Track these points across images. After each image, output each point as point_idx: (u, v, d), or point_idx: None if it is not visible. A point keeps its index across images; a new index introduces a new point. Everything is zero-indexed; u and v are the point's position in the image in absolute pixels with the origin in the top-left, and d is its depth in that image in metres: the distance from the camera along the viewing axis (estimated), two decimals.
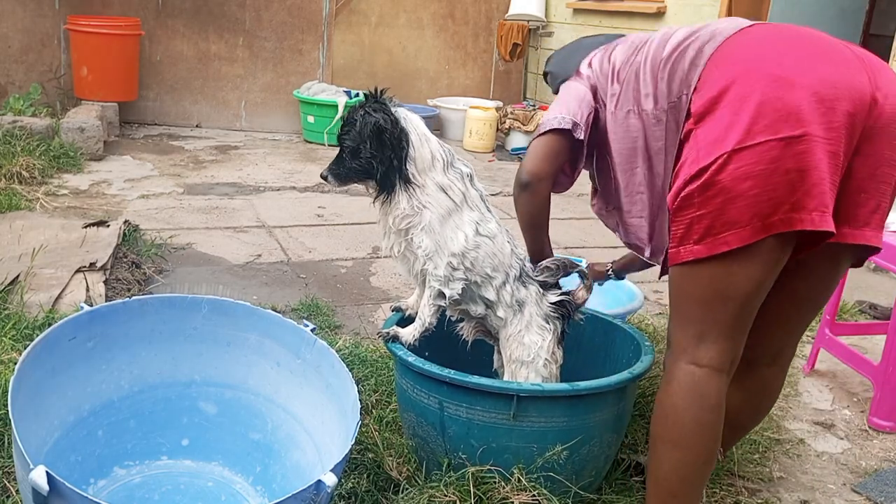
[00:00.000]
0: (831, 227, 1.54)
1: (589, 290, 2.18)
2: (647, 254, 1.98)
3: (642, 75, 1.82)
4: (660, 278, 1.94)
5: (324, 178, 2.07)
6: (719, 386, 1.70)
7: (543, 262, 2.17)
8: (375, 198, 2.04)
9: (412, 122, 2.02)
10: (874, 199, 1.63)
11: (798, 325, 1.94)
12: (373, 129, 1.96)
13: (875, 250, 1.71)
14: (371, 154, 1.96)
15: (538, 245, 2.16)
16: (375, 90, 2.05)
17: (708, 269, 1.63)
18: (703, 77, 1.64)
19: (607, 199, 2.07)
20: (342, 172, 2.04)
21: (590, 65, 2.02)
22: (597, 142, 2.02)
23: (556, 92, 2.11)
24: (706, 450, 1.71)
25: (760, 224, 1.55)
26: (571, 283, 2.21)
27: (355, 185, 2.11)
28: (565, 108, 1.99)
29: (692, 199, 1.60)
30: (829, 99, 1.51)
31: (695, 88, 1.65)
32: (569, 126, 1.96)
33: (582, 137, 1.97)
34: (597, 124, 1.98)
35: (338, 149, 2.05)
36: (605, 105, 1.95)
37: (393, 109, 1.99)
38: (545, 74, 2.26)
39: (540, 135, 2.04)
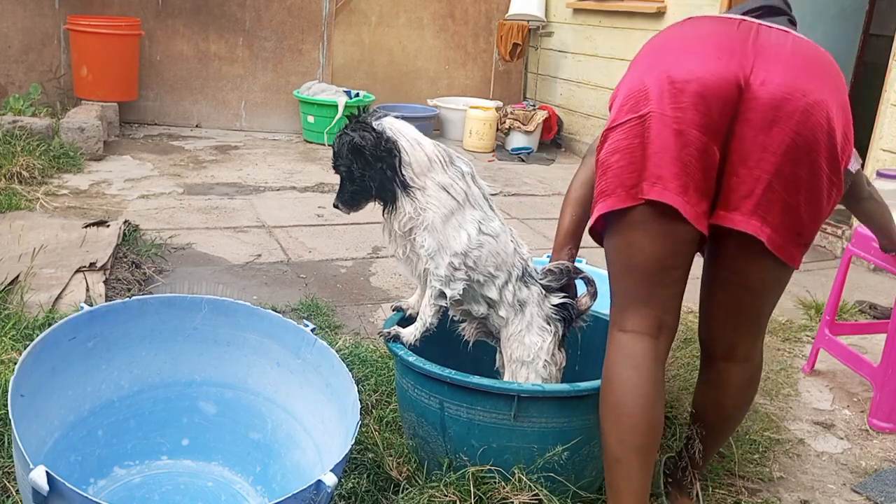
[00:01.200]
0: (660, 198, 1.64)
1: (593, 297, 2.19)
2: None
3: None
4: None
5: (336, 207, 2.11)
6: (645, 347, 1.77)
7: (548, 265, 2.17)
8: (383, 210, 2.05)
9: (399, 129, 2.02)
10: (746, 183, 1.65)
11: (738, 318, 1.90)
12: (350, 149, 1.99)
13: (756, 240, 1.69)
14: (361, 173, 2.00)
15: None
16: (359, 110, 2.08)
17: (611, 242, 1.81)
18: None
19: None
20: (348, 198, 2.08)
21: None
22: None
23: None
24: (637, 408, 1.73)
25: (624, 193, 1.70)
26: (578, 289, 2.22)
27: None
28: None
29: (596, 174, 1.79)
30: (680, 81, 1.62)
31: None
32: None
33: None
34: None
35: (335, 180, 2.09)
36: None
37: (376, 123, 2.00)
38: None
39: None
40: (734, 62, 1.62)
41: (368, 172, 1.99)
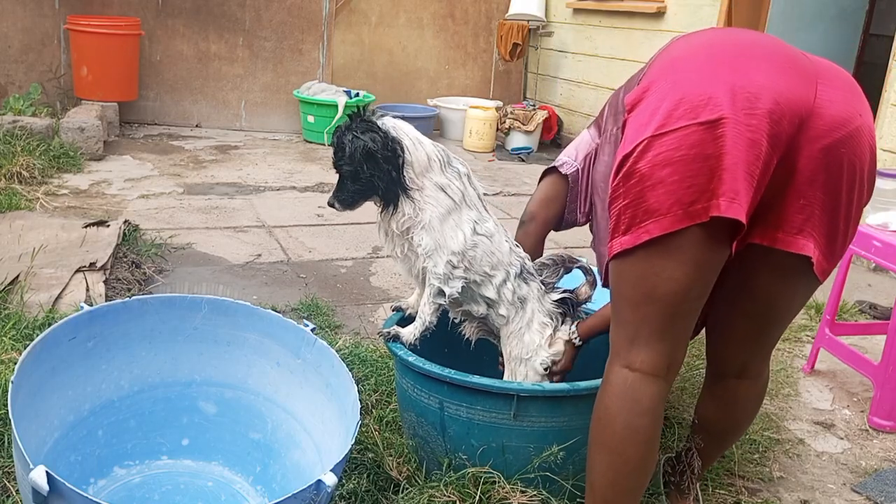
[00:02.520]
0: (739, 216, 1.46)
1: (592, 286, 2.18)
2: None
3: (615, 98, 1.88)
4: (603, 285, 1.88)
5: (331, 205, 2.08)
6: (653, 391, 1.62)
7: (541, 258, 2.18)
8: (382, 210, 2.04)
9: (402, 129, 2.02)
10: (811, 206, 1.57)
11: (757, 341, 1.85)
12: (363, 153, 1.96)
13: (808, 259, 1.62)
14: (370, 174, 1.97)
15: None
16: (359, 109, 2.05)
17: (635, 265, 1.57)
18: (643, 79, 1.63)
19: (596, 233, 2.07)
20: (347, 198, 2.05)
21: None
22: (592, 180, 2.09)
23: None
24: (638, 456, 1.63)
25: (682, 212, 1.48)
26: (575, 279, 2.22)
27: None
28: (568, 152, 2.21)
29: (618, 189, 1.55)
30: (751, 88, 1.48)
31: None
32: (558, 164, 2.18)
33: (566, 172, 2.15)
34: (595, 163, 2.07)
35: (337, 176, 2.06)
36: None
37: (380, 123, 1.99)
38: None
39: (543, 174, 2.25)
40: (802, 77, 1.53)
41: (377, 174, 1.97)
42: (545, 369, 2.11)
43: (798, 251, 1.59)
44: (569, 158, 2.17)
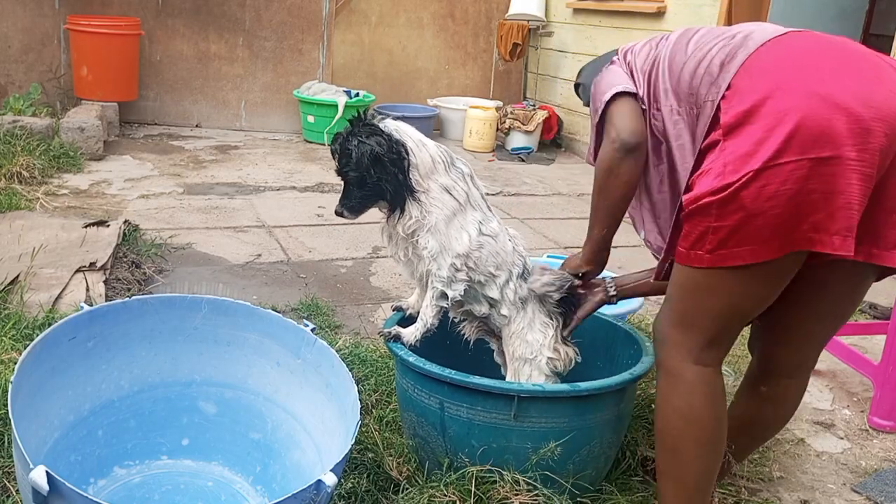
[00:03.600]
0: (852, 253, 1.50)
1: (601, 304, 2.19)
2: (660, 254, 1.89)
3: (661, 71, 1.76)
4: (659, 278, 1.89)
5: (339, 213, 2.05)
6: (722, 383, 1.76)
7: (546, 276, 2.11)
8: (389, 215, 2.02)
9: (405, 131, 2.00)
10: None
11: (821, 339, 1.93)
12: (370, 158, 1.93)
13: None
14: (377, 178, 1.95)
15: (613, 229, 1.96)
16: (359, 114, 2.03)
17: (721, 280, 1.61)
18: (734, 85, 1.58)
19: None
20: (354, 204, 2.03)
21: (625, 57, 1.93)
22: None
23: (587, 104, 2.01)
24: (723, 441, 1.78)
25: (778, 243, 1.52)
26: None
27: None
28: (620, 79, 1.85)
29: (710, 209, 1.55)
30: (866, 119, 1.46)
31: (723, 96, 1.58)
32: (634, 91, 1.82)
33: (645, 107, 1.81)
34: None
35: (343, 183, 2.03)
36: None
37: (382, 126, 1.98)
38: (577, 87, 2.19)
39: (610, 100, 1.83)
40: None
41: (385, 178, 1.95)
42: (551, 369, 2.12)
43: (893, 265, 1.63)
44: (630, 86, 1.83)
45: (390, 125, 1.99)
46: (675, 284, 1.73)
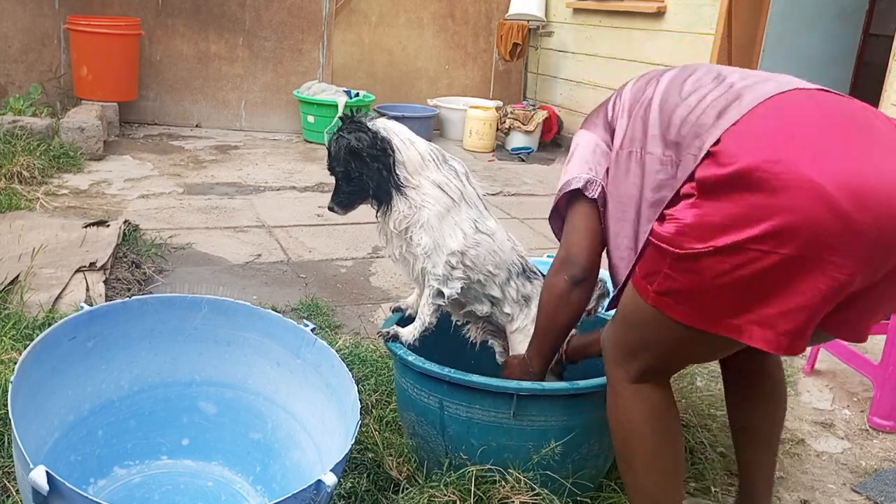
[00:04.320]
0: (799, 353, 1.43)
1: (599, 298, 2.19)
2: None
3: (651, 113, 1.65)
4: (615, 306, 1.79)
5: (331, 209, 2.11)
6: (665, 392, 1.70)
7: None
8: (378, 211, 2.06)
9: (393, 129, 2.04)
10: (875, 310, 1.58)
11: None
12: (347, 152, 2.00)
13: None
14: (359, 173, 2.01)
15: (557, 347, 2.01)
16: (351, 112, 2.09)
17: (662, 323, 1.53)
18: (724, 142, 1.43)
19: None
20: (343, 199, 2.09)
21: (613, 102, 1.84)
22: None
23: None
24: (675, 454, 1.70)
25: (712, 320, 1.44)
26: None
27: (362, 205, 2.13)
28: (577, 165, 1.82)
29: (665, 257, 1.47)
30: (858, 222, 1.30)
31: (709, 153, 1.44)
32: (580, 185, 1.79)
33: (594, 196, 1.78)
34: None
35: (333, 180, 2.10)
36: (611, 145, 1.79)
37: (370, 124, 2.02)
38: None
39: (567, 204, 1.85)
40: None
41: (366, 172, 2.00)
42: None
43: (854, 340, 1.64)
44: (589, 175, 1.79)
45: (378, 123, 2.04)
46: (623, 305, 1.67)
